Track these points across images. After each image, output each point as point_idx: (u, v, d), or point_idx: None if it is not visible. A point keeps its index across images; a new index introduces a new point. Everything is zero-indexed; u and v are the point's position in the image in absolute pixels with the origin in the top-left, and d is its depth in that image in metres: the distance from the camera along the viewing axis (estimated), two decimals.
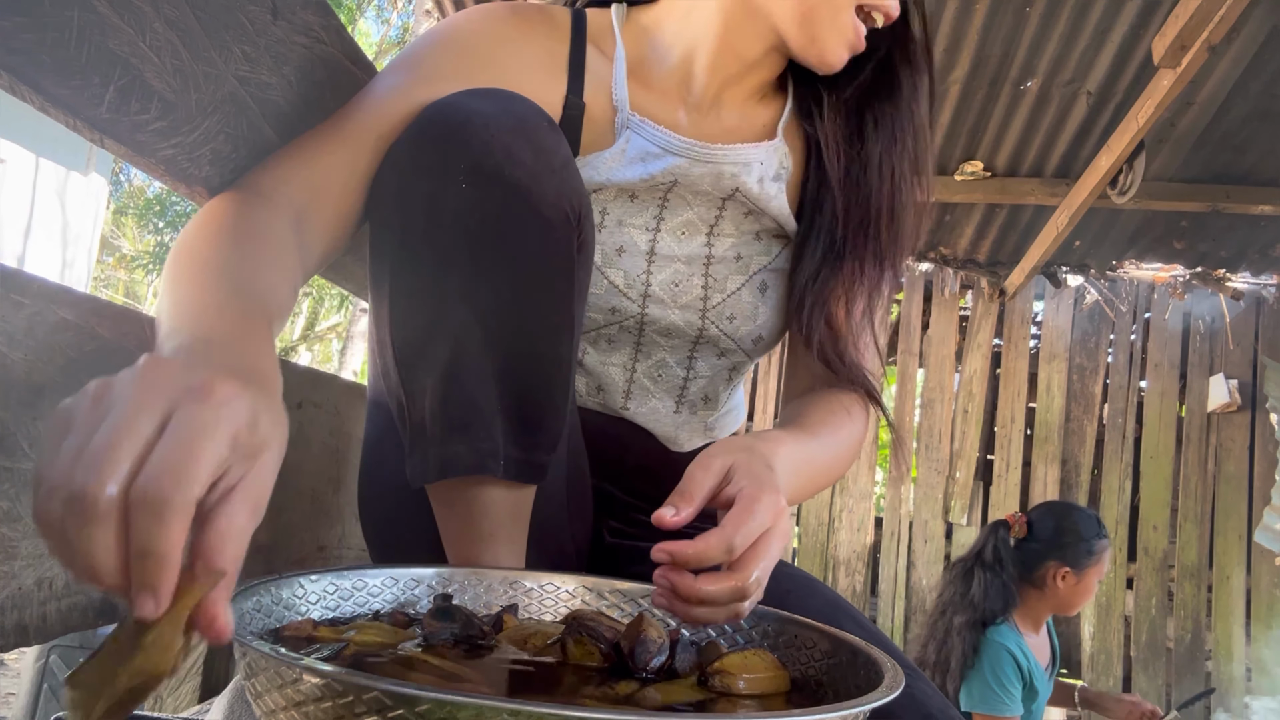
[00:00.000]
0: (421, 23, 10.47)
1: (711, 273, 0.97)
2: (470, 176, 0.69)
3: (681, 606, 0.58)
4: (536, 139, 0.72)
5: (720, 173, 0.94)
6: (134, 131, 0.69)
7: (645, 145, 0.93)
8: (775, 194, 0.97)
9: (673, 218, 0.96)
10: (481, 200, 0.70)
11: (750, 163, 0.96)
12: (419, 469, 0.75)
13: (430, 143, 0.71)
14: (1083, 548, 2.27)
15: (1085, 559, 2.27)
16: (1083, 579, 2.27)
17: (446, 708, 0.36)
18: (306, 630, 0.55)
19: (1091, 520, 2.34)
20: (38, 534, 0.38)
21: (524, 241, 0.71)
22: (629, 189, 0.93)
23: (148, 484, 0.37)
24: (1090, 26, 2.86)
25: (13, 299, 0.59)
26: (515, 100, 0.74)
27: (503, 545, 0.77)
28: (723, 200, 0.97)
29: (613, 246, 0.94)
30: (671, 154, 0.93)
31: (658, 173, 0.92)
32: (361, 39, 14.37)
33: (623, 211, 0.94)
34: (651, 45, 0.96)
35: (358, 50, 0.99)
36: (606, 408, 0.99)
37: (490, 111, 0.71)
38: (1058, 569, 2.27)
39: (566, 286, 0.76)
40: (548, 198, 0.71)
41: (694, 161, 0.93)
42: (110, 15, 0.63)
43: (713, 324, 0.97)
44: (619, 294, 0.94)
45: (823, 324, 0.95)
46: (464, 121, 0.71)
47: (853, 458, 0.94)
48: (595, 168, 0.91)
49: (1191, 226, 3.98)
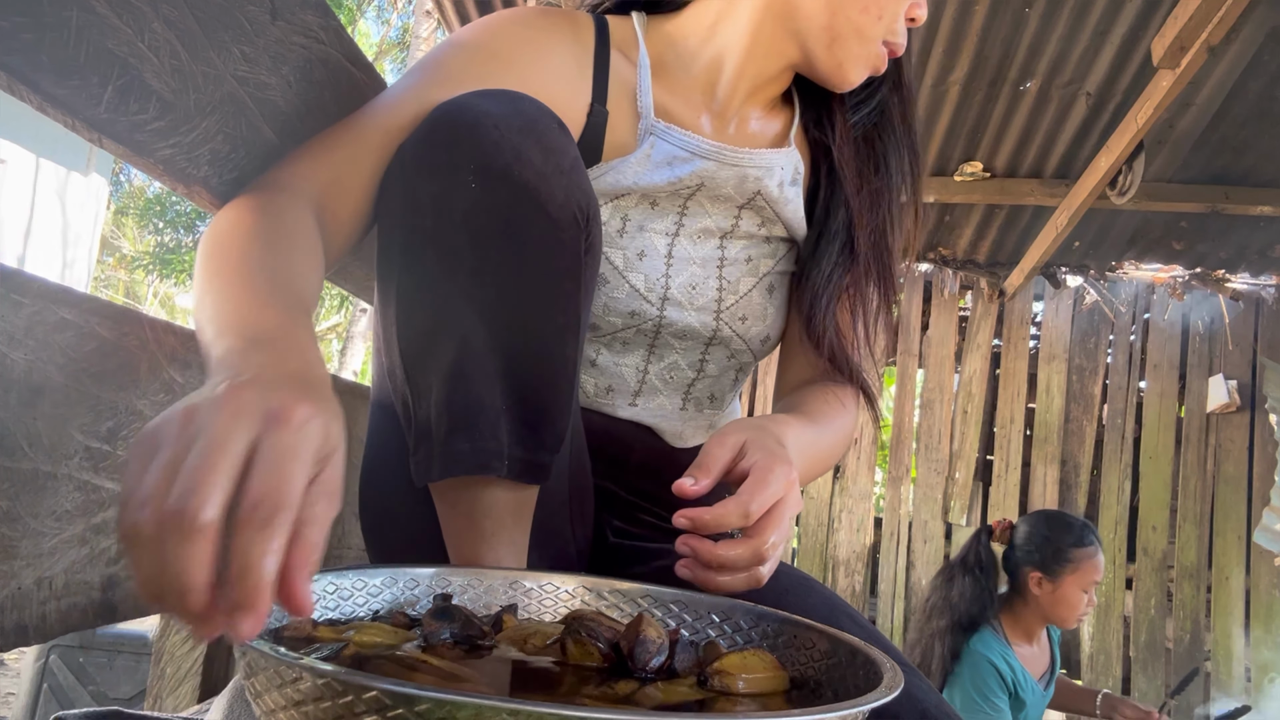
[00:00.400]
0: (422, 23, 10.48)
1: (725, 274, 0.99)
2: (479, 176, 0.69)
3: (703, 574, 0.64)
4: (545, 139, 0.72)
5: (745, 175, 0.97)
6: (132, 131, 0.69)
7: (671, 150, 0.94)
8: (793, 198, 1.01)
9: (692, 224, 0.98)
10: (490, 199, 0.70)
11: (772, 166, 0.99)
12: (423, 467, 0.75)
13: (439, 142, 0.72)
14: (1057, 554, 2.23)
15: (1059, 565, 2.23)
16: (1059, 587, 2.23)
17: (446, 708, 0.36)
18: (306, 630, 0.55)
19: (1073, 527, 2.28)
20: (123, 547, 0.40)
21: (531, 241, 0.71)
22: (651, 195, 0.95)
23: (253, 507, 0.40)
24: (1089, 27, 2.86)
25: (13, 299, 0.59)
26: (524, 101, 0.74)
27: (505, 545, 0.77)
28: (740, 208, 0.99)
29: (634, 251, 0.95)
30: (700, 157, 0.95)
31: (685, 176, 0.94)
32: (361, 40, 14.37)
33: (644, 217, 0.95)
34: (675, 53, 0.98)
35: (357, 51, 0.99)
36: (613, 407, 1.00)
37: (499, 112, 0.71)
38: (1033, 575, 2.25)
39: (574, 287, 0.76)
40: (556, 198, 0.71)
41: (721, 165, 0.96)
42: (109, 15, 0.63)
43: (726, 325, 0.99)
44: (639, 298, 0.95)
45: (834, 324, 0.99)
46: (473, 121, 0.71)
47: (846, 447, 1.00)
48: (621, 172, 0.92)
49: (1191, 227, 3.98)
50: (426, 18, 10.20)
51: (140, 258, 14.03)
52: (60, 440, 0.64)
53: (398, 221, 0.74)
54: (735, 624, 0.67)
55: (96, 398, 0.67)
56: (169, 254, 13.39)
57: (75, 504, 0.66)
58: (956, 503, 4.31)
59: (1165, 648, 4.13)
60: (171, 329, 0.78)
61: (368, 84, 1.00)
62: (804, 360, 1.03)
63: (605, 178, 0.92)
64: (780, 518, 0.65)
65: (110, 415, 0.69)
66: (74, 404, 0.65)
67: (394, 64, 14.52)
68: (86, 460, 0.67)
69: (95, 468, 0.68)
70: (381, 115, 0.83)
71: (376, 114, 0.83)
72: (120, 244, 14.43)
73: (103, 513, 0.69)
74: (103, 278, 14.36)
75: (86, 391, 0.66)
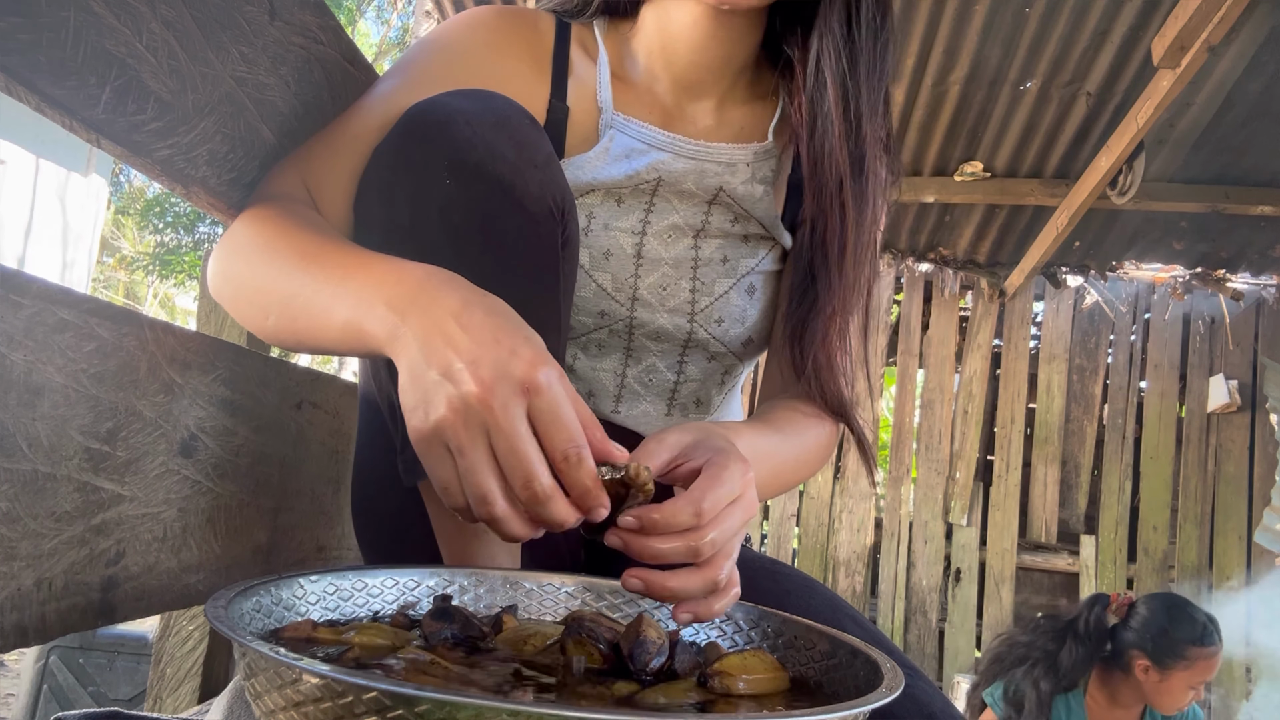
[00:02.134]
0: (421, 24, 10.47)
1: (699, 276, 0.97)
2: (453, 172, 0.70)
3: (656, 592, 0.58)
4: (519, 135, 0.72)
5: (703, 170, 0.96)
6: (130, 132, 0.69)
7: (629, 142, 0.94)
8: (762, 195, 0.98)
9: (659, 221, 0.96)
10: (464, 195, 0.70)
11: (735, 162, 0.97)
12: (410, 466, 0.75)
13: (414, 141, 0.72)
14: (1173, 648, 2.12)
15: (1171, 660, 2.12)
16: (1167, 679, 2.12)
17: (446, 708, 0.36)
18: (306, 631, 0.55)
19: (1196, 624, 2.15)
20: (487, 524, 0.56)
21: (507, 236, 0.72)
22: (615, 192, 0.94)
23: (564, 458, 0.54)
24: (1090, 27, 2.86)
25: (12, 300, 0.59)
26: (496, 99, 0.75)
27: (497, 543, 0.77)
28: (708, 203, 0.97)
29: (600, 250, 0.94)
30: (655, 149, 0.95)
31: (642, 169, 0.94)
32: (361, 40, 14.38)
33: (609, 215, 0.95)
34: (628, 51, 0.99)
35: (355, 51, 0.99)
36: (596, 412, 0.99)
37: (472, 109, 0.72)
38: (1140, 661, 2.15)
39: (552, 281, 0.76)
40: (531, 192, 0.72)
41: (676, 156, 0.95)
42: (106, 15, 0.63)
43: (701, 327, 0.97)
44: (607, 297, 0.95)
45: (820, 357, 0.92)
46: (446, 119, 0.71)
47: (823, 459, 0.93)
48: (580, 168, 0.92)
49: (1191, 227, 3.98)
50: (426, 18, 10.19)
51: (140, 258, 14.03)
52: (60, 441, 0.63)
53: (376, 220, 0.75)
54: (736, 624, 0.66)
55: (96, 398, 0.67)
56: (169, 254, 13.40)
57: (75, 505, 0.65)
58: (957, 503, 4.30)
59: None
60: (171, 329, 0.77)
61: (366, 84, 1.00)
62: (782, 370, 0.97)
63: (567, 174, 0.91)
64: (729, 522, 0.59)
65: (110, 416, 0.69)
66: (73, 405, 0.65)
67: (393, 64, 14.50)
68: (86, 461, 0.66)
69: (95, 469, 0.68)
70: (352, 124, 0.84)
71: (347, 124, 0.85)
72: (120, 245, 14.43)
73: (102, 514, 0.69)
74: (102, 278, 14.36)
75: (86, 392, 0.66)
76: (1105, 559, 4.20)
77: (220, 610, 0.48)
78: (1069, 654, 2.19)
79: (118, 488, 0.71)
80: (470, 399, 0.54)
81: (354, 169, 0.80)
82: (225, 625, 0.45)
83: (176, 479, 0.79)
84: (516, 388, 0.54)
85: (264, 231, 0.72)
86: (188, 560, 0.82)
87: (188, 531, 0.81)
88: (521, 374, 0.54)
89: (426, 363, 0.56)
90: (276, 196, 0.79)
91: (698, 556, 0.58)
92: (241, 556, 0.93)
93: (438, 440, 0.55)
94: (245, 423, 0.91)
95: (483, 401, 0.53)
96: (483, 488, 0.54)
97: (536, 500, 0.54)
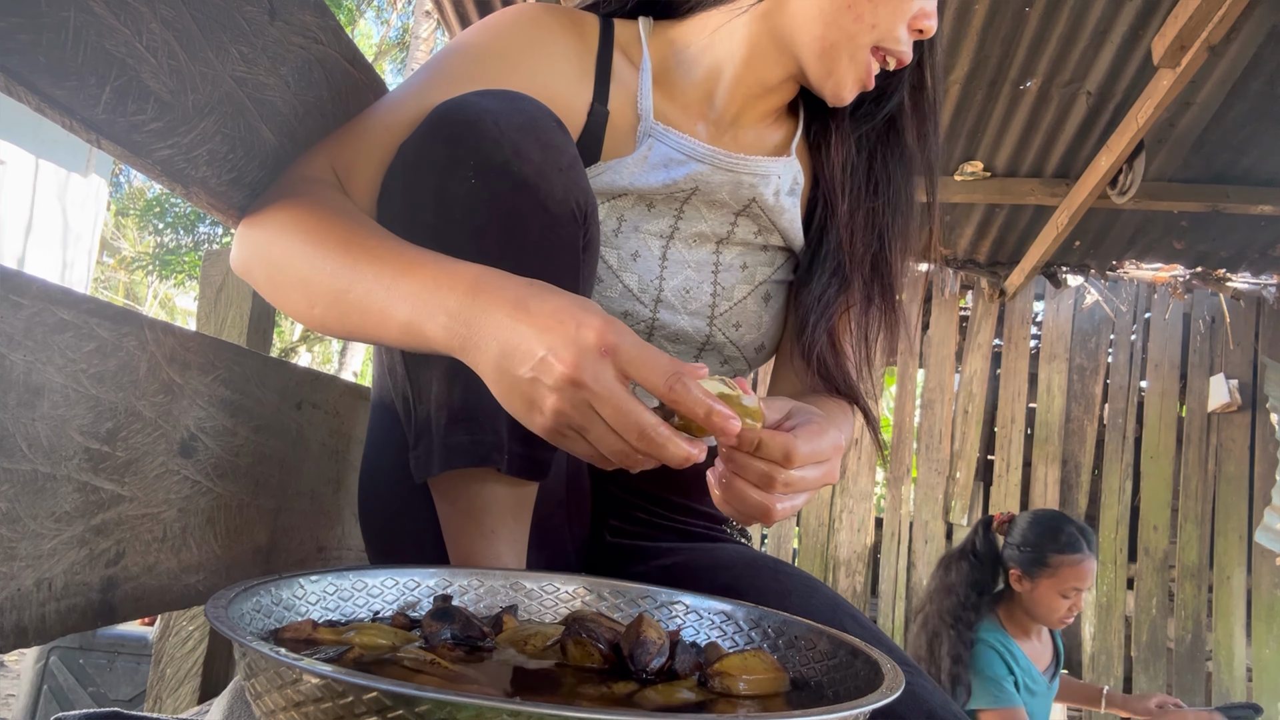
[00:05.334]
0: (421, 23, 10.47)
1: (719, 280, 1.00)
2: (478, 171, 0.70)
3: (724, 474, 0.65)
4: (544, 137, 0.73)
5: (739, 182, 0.97)
6: (130, 132, 0.69)
7: (668, 152, 0.95)
8: (789, 208, 1.01)
9: (687, 228, 0.98)
10: (489, 195, 0.70)
11: (769, 175, 0.99)
12: (422, 462, 0.75)
13: (440, 139, 0.72)
14: (1037, 556, 2.21)
15: (1036, 568, 2.20)
16: (1036, 587, 2.20)
17: (446, 708, 0.36)
18: (306, 631, 0.55)
19: (1060, 531, 2.24)
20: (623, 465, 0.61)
21: (530, 236, 0.72)
22: (648, 197, 0.95)
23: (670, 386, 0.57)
24: (1090, 27, 2.86)
25: (12, 300, 0.59)
26: (523, 100, 0.75)
27: (504, 542, 0.77)
28: (735, 214, 0.99)
29: (629, 252, 0.95)
30: (695, 160, 0.96)
31: (680, 179, 0.95)
32: (361, 40, 14.38)
33: (639, 218, 0.96)
34: (677, 59, 0.99)
35: (355, 51, 0.99)
36: None
37: (499, 109, 0.72)
38: (1013, 572, 2.24)
39: (572, 282, 0.76)
40: (555, 194, 0.72)
41: (715, 169, 0.96)
42: (106, 16, 0.63)
43: (719, 330, 1.00)
44: (633, 298, 0.96)
45: (825, 341, 0.98)
46: (473, 119, 0.71)
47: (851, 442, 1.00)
48: (618, 172, 0.93)
49: (1191, 226, 3.98)
50: (426, 18, 10.20)
51: (140, 259, 14.03)
52: (60, 441, 0.63)
53: (399, 217, 0.74)
54: (736, 624, 0.66)
55: (96, 399, 0.67)
56: (169, 255, 13.40)
57: (74, 505, 0.65)
58: (957, 503, 4.30)
59: (1166, 647, 4.13)
60: (171, 330, 0.77)
61: (366, 84, 1.00)
62: (795, 373, 1.02)
63: (602, 177, 0.92)
64: (811, 475, 0.65)
65: (110, 416, 0.69)
66: (73, 405, 0.65)
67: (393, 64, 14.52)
68: (86, 461, 0.66)
69: (95, 469, 0.68)
70: (384, 115, 0.84)
71: (379, 114, 0.84)
72: (120, 245, 14.43)
73: (102, 514, 0.69)
74: (102, 278, 14.36)
75: (86, 392, 0.66)
76: (1105, 558, 4.20)
77: (220, 610, 0.48)
78: (956, 574, 2.29)
79: (117, 488, 0.71)
80: (564, 383, 0.57)
81: (383, 160, 0.80)
82: (225, 625, 0.45)
83: (176, 479, 0.79)
84: (596, 355, 0.57)
85: (304, 219, 0.72)
86: (188, 560, 0.82)
87: (188, 532, 0.81)
88: (595, 340, 0.58)
89: (512, 366, 0.59)
90: (308, 180, 0.78)
91: (769, 486, 0.64)
92: (241, 557, 0.93)
93: (562, 429, 0.60)
94: (245, 423, 0.91)
95: (575, 381, 0.57)
96: (617, 449, 0.59)
97: (655, 446, 0.58)
